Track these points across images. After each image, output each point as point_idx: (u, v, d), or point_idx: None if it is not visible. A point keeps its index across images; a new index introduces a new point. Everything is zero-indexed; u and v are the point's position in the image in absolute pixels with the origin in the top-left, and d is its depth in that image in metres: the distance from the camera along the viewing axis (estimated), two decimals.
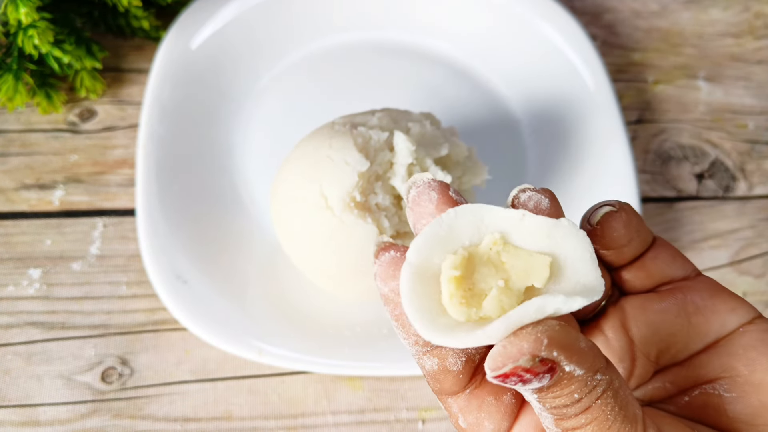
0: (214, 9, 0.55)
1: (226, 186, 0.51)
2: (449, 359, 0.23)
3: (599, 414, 0.21)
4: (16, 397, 0.45)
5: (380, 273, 0.23)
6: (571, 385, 0.20)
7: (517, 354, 0.20)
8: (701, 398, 0.25)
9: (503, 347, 0.20)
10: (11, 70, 0.50)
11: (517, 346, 0.20)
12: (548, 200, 0.24)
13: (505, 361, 0.20)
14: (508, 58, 0.57)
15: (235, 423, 0.45)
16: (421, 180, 0.23)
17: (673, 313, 0.26)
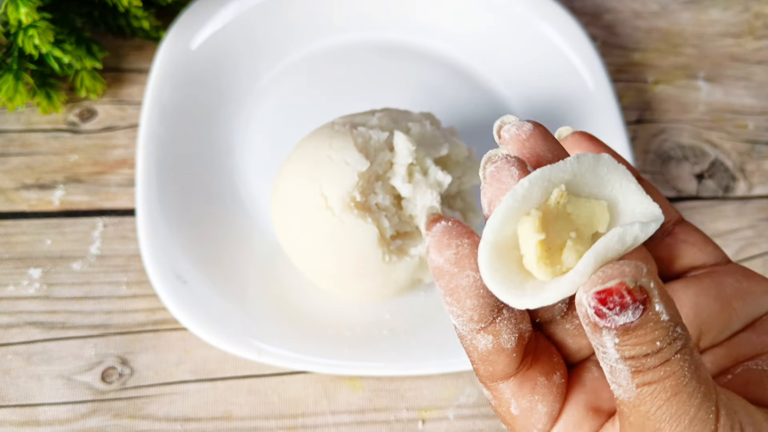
0: (214, 9, 0.55)
1: (226, 186, 0.52)
2: (503, 335, 0.23)
3: (677, 369, 0.20)
4: (16, 397, 0.45)
5: (434, 243, 0.22)
6: (656, 331, 0.20)
7: (619, 274, 0.19)
8: (744, 375, 0.25)
9: (603, 272, 0.20)
10: (11, 70, 0.50)
11: (617, 269, 0.19)
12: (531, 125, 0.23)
13: (608, 279, 0.19)
14: (508, 58, 0.57)
15: (235, 423, 0.45)
16: (497, 155, 0.23)
17: (712, 296, 0.26)
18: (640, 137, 0.57)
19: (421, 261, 0.43)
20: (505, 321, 0.23)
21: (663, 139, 0.58)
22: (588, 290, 0.20)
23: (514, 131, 0.23)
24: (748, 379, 0.25)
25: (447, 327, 0.46)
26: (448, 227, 0.22)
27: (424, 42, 0.58)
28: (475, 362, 0.24)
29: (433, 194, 0.41)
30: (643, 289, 0.19)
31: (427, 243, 0.22)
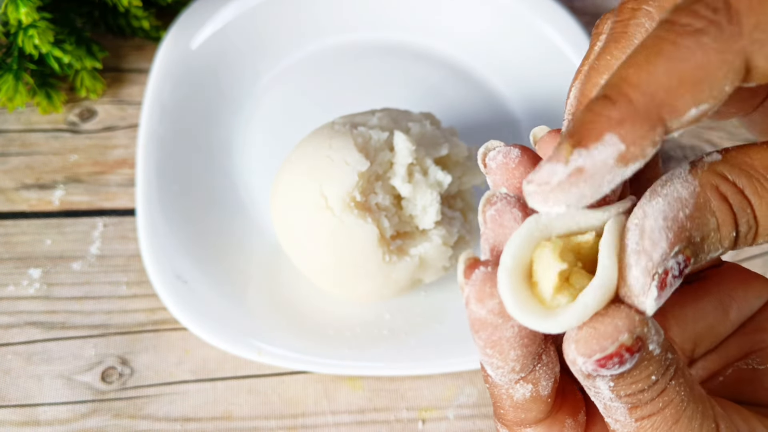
0: (214, 9, 0.55)
1: (226, 186, 0.52)
2: (542, 382, 0.22)
3: (674, 395, 0.20)
4: (16, 397, 0.45)
5: (475, 294, 0.20)
6: (650, 366, 0.20)
7: (614, 332, 0.18)
8: (735, 375, 0.25)
9: (595, 330, 0.19)
10: (11, 70, 0.50)
11: (611, 326, 0.18)
12: (518, 150, 0.22)
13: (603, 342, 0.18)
14: (508, 58, 0.57)
15: (235, 423, 0.45)
16: (495, 196, 0.21)
17: (711, 307, 0.26)
18: None
19: (421, 261, 0.43)
20: (544, 367, 0.22)
21: None
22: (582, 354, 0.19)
23: (501, 159, 0.22)
24: (739, 378, 0.25)
25: (447, 327, 0.46)
26: (489, 273, 0.20)
27: (424, 42, 0.58)
28: (504, 409, 0.23)
29: (433, 194, 0.41)
30: (639, 338, 0.19)
31: (466, 293, 0.20)
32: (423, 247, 0.42)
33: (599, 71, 0.23)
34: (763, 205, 0.20)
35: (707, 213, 0.19)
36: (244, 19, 0.56)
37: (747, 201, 0.19)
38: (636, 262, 0.19)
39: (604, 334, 0.19)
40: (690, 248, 0.19)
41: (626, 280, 0.19)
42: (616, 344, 0.18)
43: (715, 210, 0.19)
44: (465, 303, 0.20)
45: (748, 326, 0.26)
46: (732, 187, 0.19)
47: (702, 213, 0.19)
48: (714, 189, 0.19)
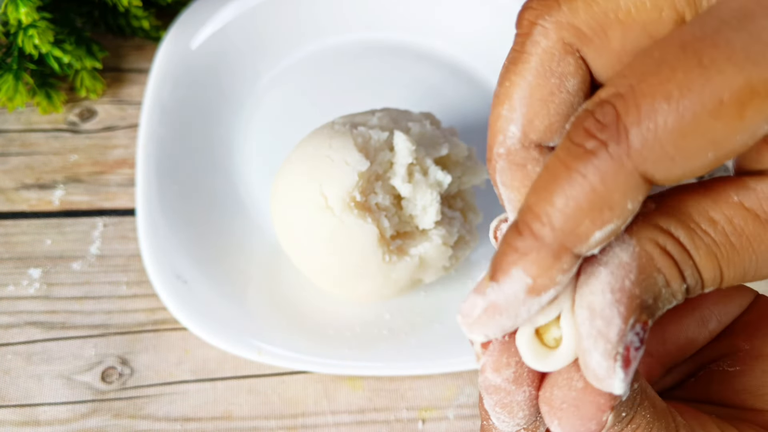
0: (214, 9, 0.55)
1: (226, 186, 0.52)
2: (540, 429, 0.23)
3: (641, 420, 0.21)
4: (16, 397, 0.45)
5: (492, 363, 0.21)
6: (623, 411, 0.20)
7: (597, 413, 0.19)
8: (706, 376, 0.26)
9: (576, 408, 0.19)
10: (11, 70, 0.50)
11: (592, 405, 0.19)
12: None
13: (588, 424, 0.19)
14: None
15: (235, 423, 0.45)
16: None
17: (692, 323, 0.26)
18: None
19: (421, 261, 0.43)
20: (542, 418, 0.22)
21: None
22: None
23: None
24: (710, 379, 0.25)
25: (447, 327, 0.46)
26: (506, 344, 0.21)
27: (424, 42, 0.58)
28: None
29: (433, 194, 0.41)
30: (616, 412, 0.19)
31: (483, 362, 0.21)
32: (423, 247, 0.42)
33: (501, 101, 0.22)
34: (701, 256, 0.19)
35: (653, 272, 0.19)
36: (244, 19, 0.56)
37: (687, 252, 0.19)
38: (594, 347, 0.18)
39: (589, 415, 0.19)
40: (645, 313, 0.18)
41: (588, 366, 0.18)
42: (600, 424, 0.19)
43: (660, 267, 0.19)
44: (481, 370, 0.21)
45: (724, 332, 0.26)
46: (671, 240, 0.19)
47: (648, 274, 0.18)
48: (654, 245, 0.19)
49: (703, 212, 0.19)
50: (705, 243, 0.19)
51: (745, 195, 0.19)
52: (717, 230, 0.19)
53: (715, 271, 0.19)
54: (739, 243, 0.19)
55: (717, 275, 0.19)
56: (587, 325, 0.18)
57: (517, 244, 0.19)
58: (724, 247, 0.19)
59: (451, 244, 0.43)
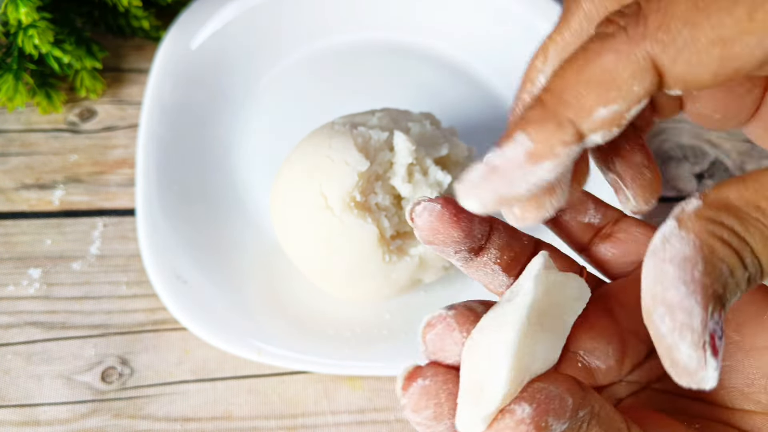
0: (214, 9, 0.55)
1: (226, 186, 0.52)
2: None
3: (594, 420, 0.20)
4: (16, 397, 0.45)
5: (412, 405, 0.21)
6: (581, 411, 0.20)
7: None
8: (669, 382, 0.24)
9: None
10: (11, 70, 0.50)
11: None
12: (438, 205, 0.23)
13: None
14: (508, 58, 0.57)
15: (235, 423, 0.45)
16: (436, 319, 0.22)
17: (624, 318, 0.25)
18: None
19: (421, 261, 0.43)
20: None
21: (663, 139, 0.58)
22: None
23: (426, 216, 0.23)
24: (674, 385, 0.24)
25: None
26: (426, 387, 0.21)
27: (424, 42, 0.58)
28: None
29: (433, 194, 0.41)
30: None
31: (403, 403, 0.21)
32: (423, 247, 0.42)
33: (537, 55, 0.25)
34: (757, 242, 0.19)
35: (718, 263, 0.19)
36: (244, 19, 0.56)
37: (744, 241, 0.19)
38: (681, 340, 0.18)
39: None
40: (719, 303, 0.18)
41: (678, 363, 0.18)
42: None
43: (723, 257, 0.19)
44: (402, 408, 0.21)
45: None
46: (727, 230, 0.19)
47: (713, 265, 0.19)
48: (714, 236, 0.19)
49: (750, 201, 0.19)
50: (758, 228, 0.19)
51: None
52: (767, 215, 0.19)
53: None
54: None
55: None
56: (668, 320, 0.18)
57: (526, 113, 0.20)
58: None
59: None
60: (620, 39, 0.19)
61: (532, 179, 0.19)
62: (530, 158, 0.19)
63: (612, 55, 0.19)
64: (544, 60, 0.24)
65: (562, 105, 0.19)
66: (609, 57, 0.19)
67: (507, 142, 0.19)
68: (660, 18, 0.19)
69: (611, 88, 0.19)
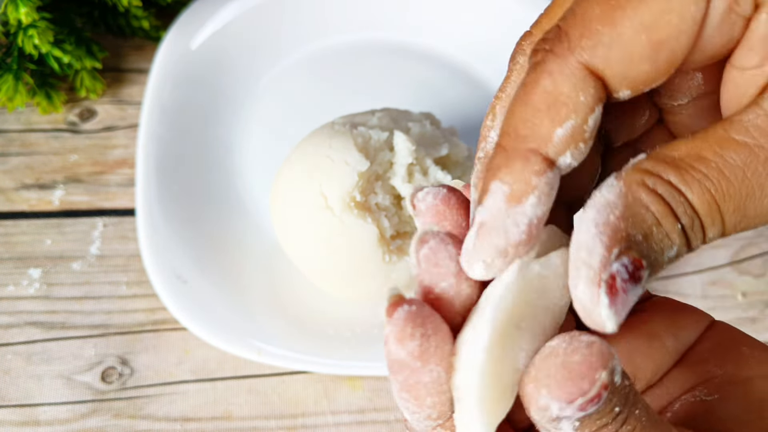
0: (214, 9, 0.55)
1: (226, 186, 0.52)
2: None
3: (636, 423, 0.20)
4: (16, 397, 0.45)
5: (395, 333, 0.19)
6: (614, 398, 0.19)
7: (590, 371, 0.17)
8: (684, 408, 0.24)
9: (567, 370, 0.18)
10: (11, 70, 0.50)
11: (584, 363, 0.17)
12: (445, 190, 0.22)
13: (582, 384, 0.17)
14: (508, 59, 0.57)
15: (235, 423, 0.45)
16: (429, 235, 0.21)
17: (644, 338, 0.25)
18: None
19: None
20: None
21: None
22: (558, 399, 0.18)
23: (430, 200, 0.22)
24: (689, 412, 0.24)
25: None
26: (412, 312, 0.19)
27: (424, 42, 0.58)
28: None
29: None
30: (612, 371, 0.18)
31: (387, 332, 0.19)
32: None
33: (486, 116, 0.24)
34: (695, 192, 0.19)
35: (639, 208, 0.19)
36: (244, 19, 0.56)
37: (678, 190, 0.19)
38: (578, 275, 0.18)
39: (581, 374, 0.18)
40: (635, 249, 0.18)
41: (576, 298, 0.18)
42: (597, 384, 0.18)
43: (647, 203, 0.19)
44: (384, 342, 0.20)
45: (689, 359, 0.25)
46: (659, 179, 0.19)
47: (633, 210, 0.18)
48: (640, 184, 0.19)
49: (693, 152, 0.19)
50: (697, 179, 0.19)
51: (731, 128, 0.19)
52: (709, 167, 0.19)
53: (711, 206, 0.19)
54: (733, 175, 0.19)
55: (715, 213, 0.19)
56: (573, 257, 0.18)
57: (491, 164, 0.20)
58: (718, 181, 0.19)
59: None
60: (550, 60, 0.20)
61: (523, 220, 0.19)
62: (512, 200, 0.19)
63: (548, 77, 0.19)
64: (493, 118, 0.23)
65: (520, 141, 0.19)
66: (546, 80, 0.19)
67: (484, 197, 0.19)
68: (580, 28, 0.19)
69: (559, 108, 0.19)
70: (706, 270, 0.53)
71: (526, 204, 0.19)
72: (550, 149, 0.19)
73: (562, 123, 0.19)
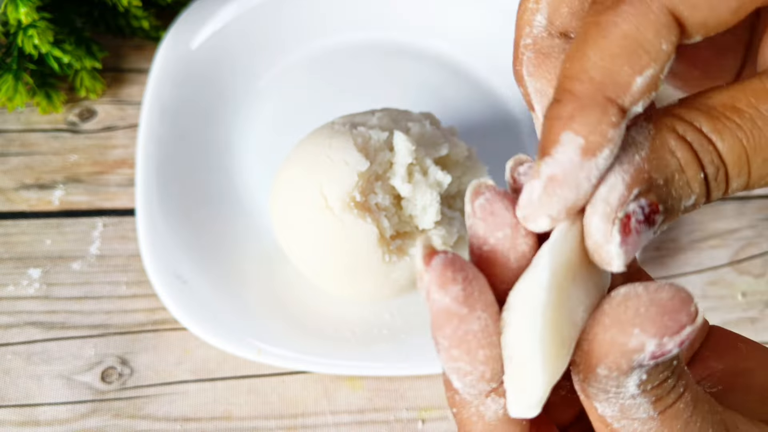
0: (214, 9, 0.55)
1: (226, 186, 0.52)
2: None
3: (687, 379, 0.20)
4: (16, 397, 0.45)
5: (436, 279, 0.18)
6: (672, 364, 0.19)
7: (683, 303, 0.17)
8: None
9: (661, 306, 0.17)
10: (11, 70, 0.50)
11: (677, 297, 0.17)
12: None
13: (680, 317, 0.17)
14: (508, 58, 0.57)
15: (235, 423, 0.45)
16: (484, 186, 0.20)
17: None
18: None
19: None
20: None
21: None
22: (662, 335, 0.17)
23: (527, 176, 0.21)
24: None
25: None
26: (449, 258, 0.18)
27: (424, 42, 0.58)
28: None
29: (432, 194, 0.41)
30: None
31: (426, 281, 0.19)
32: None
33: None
34: (725, 141, 0.18)
35: (665, 153, 0.18)
36: (244, 19, 0.56)
37: (707, 139, 0.18)
38: (594, 210, 0.18)
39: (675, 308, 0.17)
40: (654, 192, 0.18)
41: (589, 232, 0.18)
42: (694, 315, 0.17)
43: (674, 149, 0.18)
44: (426, 295, 0.19)
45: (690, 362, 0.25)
46: (689, 126, 0.18)
47: (659, 153, 0.18)
48: (670, 129, 0.18)
49: (728, 102, 0.19)
50: (729, 128, 0.18)
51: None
52: (743, 117, 0.18)
53: (741, 156, 0.18)
54: (766, 125, 0.18)
55: (743, 163, 0.19)
56: (595, 193, 0.18)
57: (560, 111, 0.18)
58: (751, 132, 0.18)
59: (451, 244, 0.43)
60: (630, 2, 0.18)
61: (595, 173, 0.18)
62: (586, 153, 0.18)
63: (630, 20, 0.18)
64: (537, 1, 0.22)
65: (596, 88, 0.18)
66: (627, 23, 0.18)
67: (554, 147, 0.18)
68: None
69: (641, 55, 0.18)
70: (706, 270, 0.53)
71: (600, 157, 0.18)
72: (628, 99, 0.18)
73: (643, 71, 0.18)
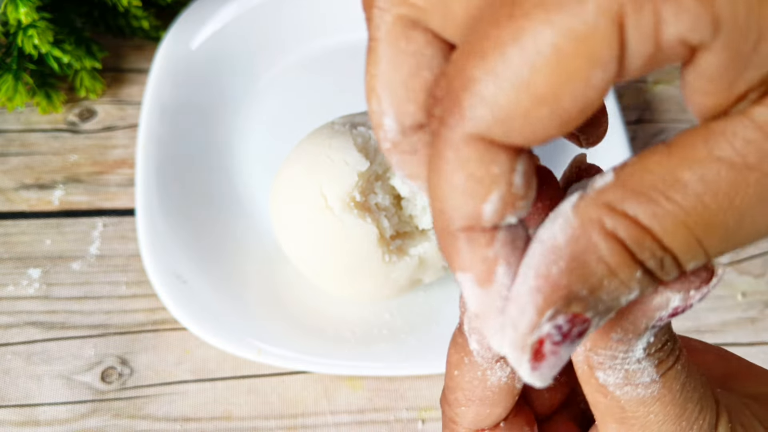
0: (214, 9, 0.55)
1: (226, 186, 0.51)
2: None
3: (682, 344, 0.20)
4: (16, 397, 0.45)
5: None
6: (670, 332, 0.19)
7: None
8: None
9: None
10: (11, 70, 0.50)
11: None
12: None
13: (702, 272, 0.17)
14: None
15: (235, 423, 0.45)
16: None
17: None
18: (640, 137, 0.57)
19: (420, 261, 0.43)
20: None
21: (663, 139, 0.57)
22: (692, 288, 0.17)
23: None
24: None
25: (446, 327, 0.46)
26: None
27: None
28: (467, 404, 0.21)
29: None
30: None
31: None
32: (423, 247, 0.42)
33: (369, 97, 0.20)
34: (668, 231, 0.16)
35: (590, 262, 0.16)
36: (244, 19, 0.56)
37: (645, 230, 0.16)
38: (503, 335, 0.16)
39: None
40: (576, 304, 0.16)
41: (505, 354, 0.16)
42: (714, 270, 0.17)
43: (600, 253, 0.16)
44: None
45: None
46: (621, 219, 0.15)
47: (582, 260, 0.16)
48: (596, 227, 0.16)
49: (669, 176, 0.15)
50: (672, 213, 0.16)
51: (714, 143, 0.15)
52: (687, 194, 0.15)
53: (689, 243, 0.16)
54: (715, 202, 0.15)
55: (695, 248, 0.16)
56: (507, 309, 0.16)
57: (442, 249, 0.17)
58: (697, 211, 0.15)
59: None
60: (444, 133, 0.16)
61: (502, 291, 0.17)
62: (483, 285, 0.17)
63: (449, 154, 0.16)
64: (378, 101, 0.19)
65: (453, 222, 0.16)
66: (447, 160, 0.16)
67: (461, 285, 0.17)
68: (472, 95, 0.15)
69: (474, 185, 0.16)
70: None
71: (498, 274, 0.16)
72: (487, 223, 0.16)
73: (487, 198, 0.16)
